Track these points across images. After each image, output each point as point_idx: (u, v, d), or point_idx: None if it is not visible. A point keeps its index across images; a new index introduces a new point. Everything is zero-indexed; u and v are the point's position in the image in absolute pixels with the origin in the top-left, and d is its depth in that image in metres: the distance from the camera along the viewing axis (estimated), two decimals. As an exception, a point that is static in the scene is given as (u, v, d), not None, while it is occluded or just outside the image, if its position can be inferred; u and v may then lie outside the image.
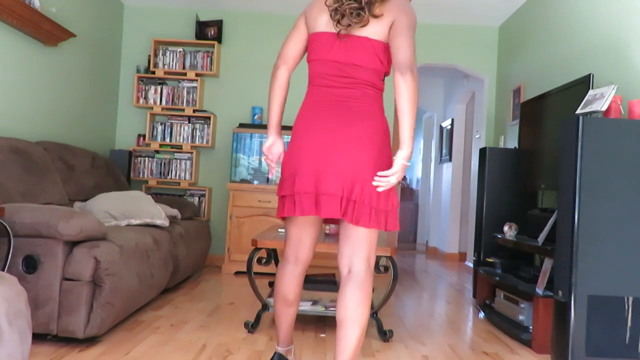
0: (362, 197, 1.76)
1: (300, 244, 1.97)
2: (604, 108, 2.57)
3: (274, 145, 2.02)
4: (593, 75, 2.96)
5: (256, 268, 3.01)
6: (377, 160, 1.81)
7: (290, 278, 1.99)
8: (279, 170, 1.99)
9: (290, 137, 1.99)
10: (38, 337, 2.44)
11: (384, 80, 1.92)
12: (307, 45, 1.96)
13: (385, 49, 1.85)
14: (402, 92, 1.73)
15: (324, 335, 2.89)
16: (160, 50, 5.07)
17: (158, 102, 5.08)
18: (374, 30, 1.82)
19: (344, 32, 1.82)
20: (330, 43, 1.85)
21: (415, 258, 6.78)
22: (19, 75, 3.53)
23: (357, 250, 1.85)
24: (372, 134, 1.82)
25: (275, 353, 2.09)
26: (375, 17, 1.79)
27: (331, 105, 1.85)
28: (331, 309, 2.93)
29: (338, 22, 1.82)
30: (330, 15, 1.83)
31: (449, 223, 6.72)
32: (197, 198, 5.05)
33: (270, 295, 3.16)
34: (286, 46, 1.97)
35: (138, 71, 5.10)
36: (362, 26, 1.81)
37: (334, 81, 1.86)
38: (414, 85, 1.73)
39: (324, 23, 1.87)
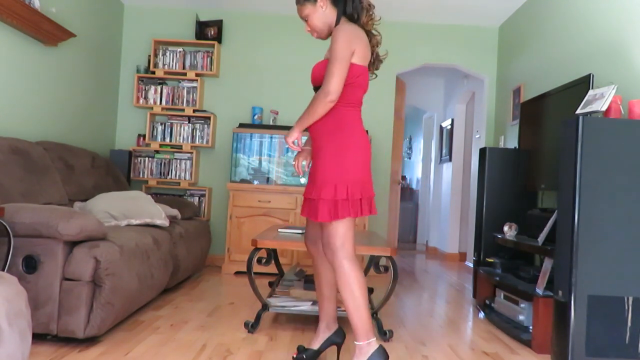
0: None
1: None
2: (604, 108, 2.57)
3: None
4: (593, 75, 2.96)
5: (256, 268, 3.01)
6: None
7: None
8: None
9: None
10: (38, 337, 2.44)
11: None
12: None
13: None
14: None
15: (324, 335, 2.88)
16: (160, 50, 5.07)
17: (158, 102, 5.08)
18: None
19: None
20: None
21: (415, 258, 6.78)
22: (19, 75, 3.53)
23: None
24: None
25: (379, 346, 2.10)
26: None
27: None
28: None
29: (374, 64, 2.28)
30: (376, 63, 2.28)
31: (449, 223, 6.72)
32: (197, 198, 5.05)
33: (271, 295, 3.16)
34: (343, 81, 2.11)
35: (138, 71, 5.10)
36: None
37: None
38: None
39: (368, 59, 2.20)
